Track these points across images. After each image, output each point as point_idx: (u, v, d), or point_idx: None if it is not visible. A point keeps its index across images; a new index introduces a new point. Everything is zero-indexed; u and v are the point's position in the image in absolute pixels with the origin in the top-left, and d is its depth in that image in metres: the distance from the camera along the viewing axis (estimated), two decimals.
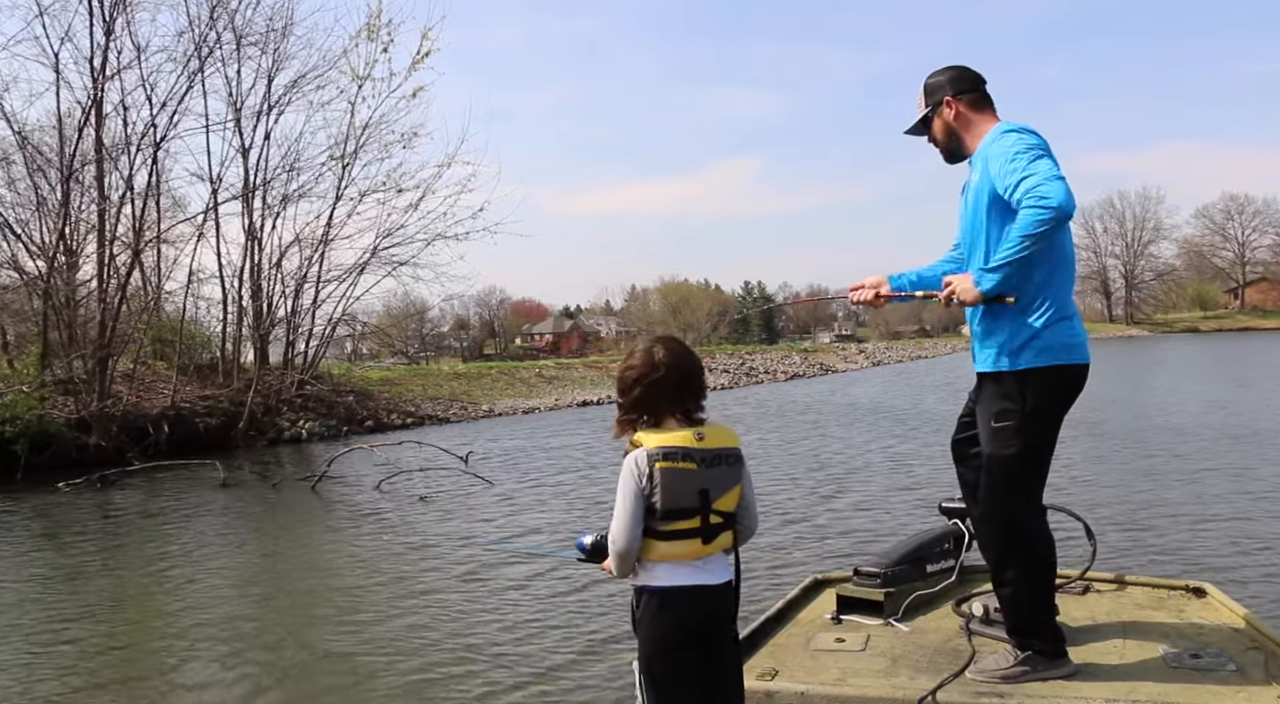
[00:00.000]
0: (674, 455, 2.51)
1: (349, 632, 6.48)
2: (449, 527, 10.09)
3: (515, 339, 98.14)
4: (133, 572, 8.78)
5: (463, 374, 31.11)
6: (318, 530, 10.52)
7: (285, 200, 22.46)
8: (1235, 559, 7.33)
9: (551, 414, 24.86)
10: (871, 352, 55.14)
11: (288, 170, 22.18)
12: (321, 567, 8.67)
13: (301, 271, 22.89)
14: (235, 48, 20.60)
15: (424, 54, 22.16)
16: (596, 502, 11.10)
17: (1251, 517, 8.83)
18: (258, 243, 22.11)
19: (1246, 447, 13.27)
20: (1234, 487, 10.36)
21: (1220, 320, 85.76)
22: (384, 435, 20.42)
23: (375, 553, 9.02)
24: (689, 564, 2.56)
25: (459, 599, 7.13)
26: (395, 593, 7.44)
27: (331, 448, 17.70)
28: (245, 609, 7.35)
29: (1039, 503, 3.24)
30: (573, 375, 33.35)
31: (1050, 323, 3.09)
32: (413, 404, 24.67)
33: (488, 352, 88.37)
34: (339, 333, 25.44)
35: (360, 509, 11.45)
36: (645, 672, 2.57)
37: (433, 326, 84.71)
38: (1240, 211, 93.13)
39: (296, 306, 23.12)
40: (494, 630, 6.33)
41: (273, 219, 22.47)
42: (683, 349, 2.67)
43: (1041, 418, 3.14)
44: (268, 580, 8.33)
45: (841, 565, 6.08)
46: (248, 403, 19.85)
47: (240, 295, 22.14)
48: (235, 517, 11.61)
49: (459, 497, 11.99)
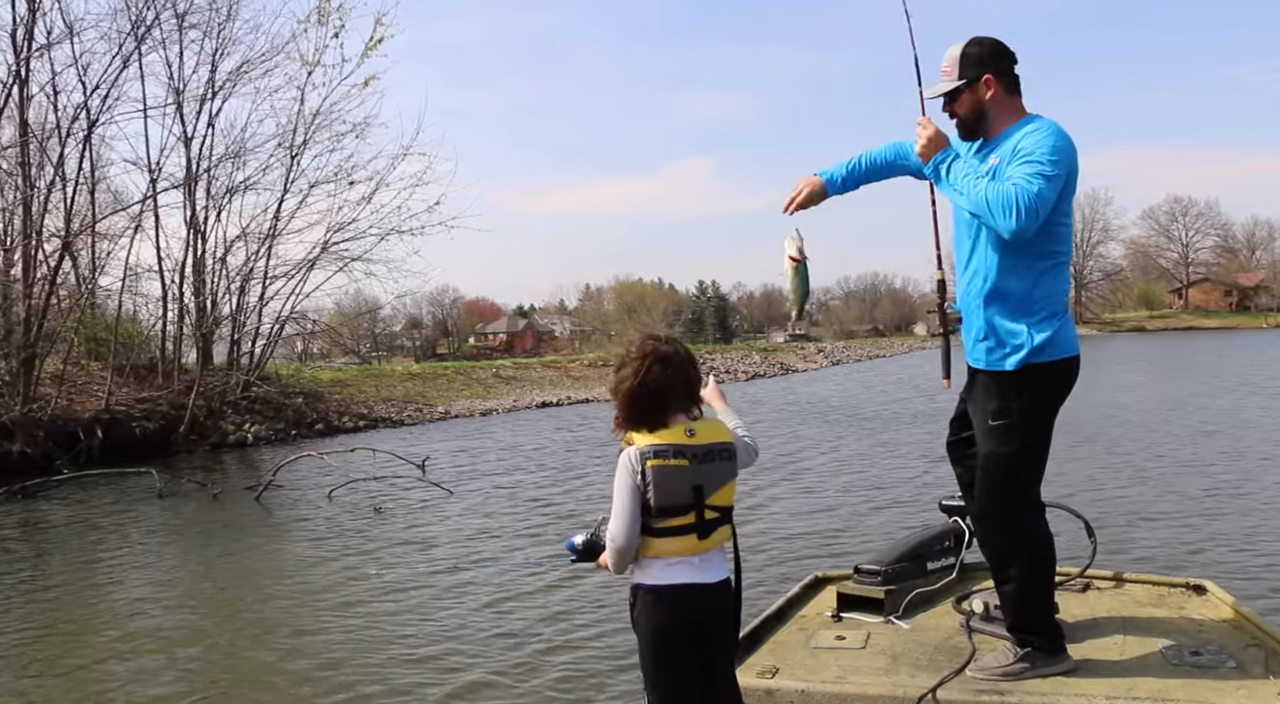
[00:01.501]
0: (665, 453, 2.52)
1: (295, 662, 5.72)
2: (407, 541, 9.27)
3: (469, 338, 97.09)
4: (55, 592, 7.89)
5: (417, 374, 30.12)
6: (261, 547, 9.61)
7: (230, 192, 21.32)
8: (1235, 556, 7.30)
9: (511, 416, 24.04)
10: (830, 351, 55.10)
11: (232, 160, 21.03)
12: (264, 589, 7.78)
13: (247, 267, 21.75)
14: (177, 29, 19.42)
15: (377, 40, 21.14)
16: (569, 511, 10.34)
17: (1251, 515, 8.75)
18: (201, 236, 20.89)
19: (1239, 445, 13.01)
20: (1233, 485, 10.25)
21: (1165, 320, 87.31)
22: (335, 439, 19.58)
23: (325, 573, 8.16)
24: (685, 562, 2.57)
25: (416, 620, 6.37)
26: (348, 620, 6.62)
27: (279, 452, 16.88)
28: (177, 634, 6.54)
29: (1038, 499, 3.22)
30: (531, 375, 32.49)
31: (1045, 318, 3.07)
32: (365, 406, 23.68)
33: (441, 351, 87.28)
34: (288, 332, 24.25)
35: (309, 522, 10.56)
36: (643, 669, 2.59)
37: (385, 325, 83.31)
38: (1184, 213, 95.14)
39: (242, 304, 21.97)
40: (474, 647, 5.58)
41: (217, 211, 21.31)
42: (669, 353, 2.64)
43: (1038, 414, 3.13)
44: (203, 604, 7.43)
45: (842, 563, 6.06)
46: (189, 405, 18.71)
47: (181, 292, 20.84)
48: (171, 531, 10.63)
49: (417, 507, 11.14)
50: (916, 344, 70.14)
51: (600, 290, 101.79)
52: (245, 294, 21.92)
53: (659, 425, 2.58)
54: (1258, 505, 9.15)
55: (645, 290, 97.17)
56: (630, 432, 2.61)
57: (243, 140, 21.10)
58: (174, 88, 20.05)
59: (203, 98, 20.47)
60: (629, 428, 2.62)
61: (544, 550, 8.50)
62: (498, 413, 24.69)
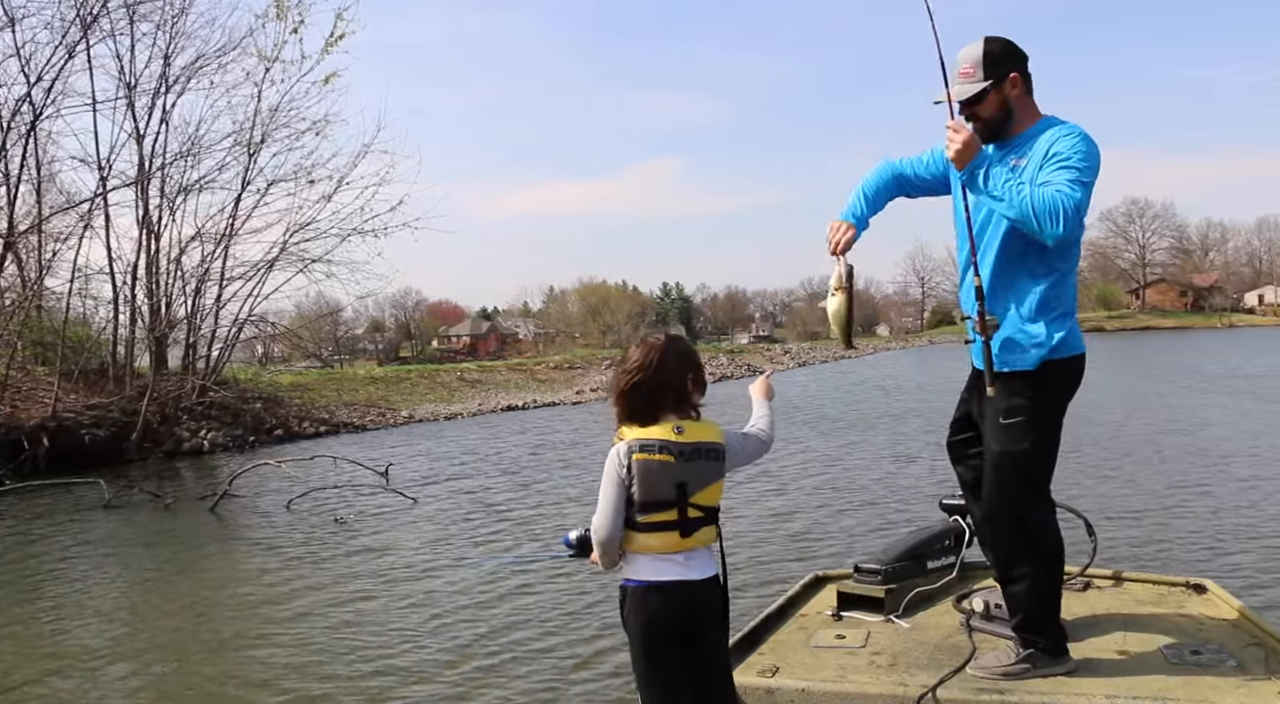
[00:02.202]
0: (650, 448, 2.55)
1: (244, 675, 5.36)
2: (370, 552, 8.83)
3: (432, 341, 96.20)
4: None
5: (380, 378, 29.54)
6: (214, 559, 9.14)
7: (185, 191, 20.66)
8: (1235, 556, 7.24)
9: (476, 420, 23.56)
10: (796, 352, 55.10)
11: (187, 157, 20.37)
12: (215, 603, 7.34)
13: (203, 268, 21.08)
14: (127, 21, 18.76)
15: (338, 37, 20.57)
16: (532, 516, 9.97)
17: (1250, 514, 8.71)
18: (154, 236, 20.19)
19: (1234, 445, 12.96)
20: (1232, 484, 10.20)
21: (1123, 320, 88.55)
22: (295, 445, 19.03)
23: (281, 586, 7.74)
24: (671, 559, 2.57)
25: (372, 636, 5.97)
26: (305, 633, 6.22)
27: (237, 459, 16.43)
28: (120, 650, 6.15)
29: (1048, 497, 3.20)
30: (496, 378, 32.01)
31: (1060, 317, 3.07)
32: (327, 410, 23.10)
33: (404, 354, 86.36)
34: (246, 335, 23.55)
35: (266, 533, 10.08)
36: (634, 666, 2.61)
37: (347, 328, 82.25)
38: (1141, 215, 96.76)
39: (198, 306, 21.28)
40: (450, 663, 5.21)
41: (171, 211, 20.62)
42: (665, 352, 2.66)
43: (1051, 411, 3.12)
44: (148, 620, 6.97)
45: (842, 562, 5.95)
46: (142, 412, 18.02)
47: (134, 293, 20.10)
48: (118, 543, 10.11)
49: (379, 517, 10.70)
50: (881, 345, 70.50)
51: (564, 292, 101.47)
52: (201, 296, 21.28)
53: (649, 422, 2.60)
54: (1257, 504, 9.08)
55: (609, 292, 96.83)
56: (622, 426, 2.64)
57: (198, 137, 20.50)
58: (125, 82, 19.41)
59: (155, 93, 19.82)
60: (621, 422, 2.64)
61: (508, 553, 8.33)
62: (463, 417, 24.21)
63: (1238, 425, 15.31)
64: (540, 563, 7.75)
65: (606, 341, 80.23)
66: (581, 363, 38.51)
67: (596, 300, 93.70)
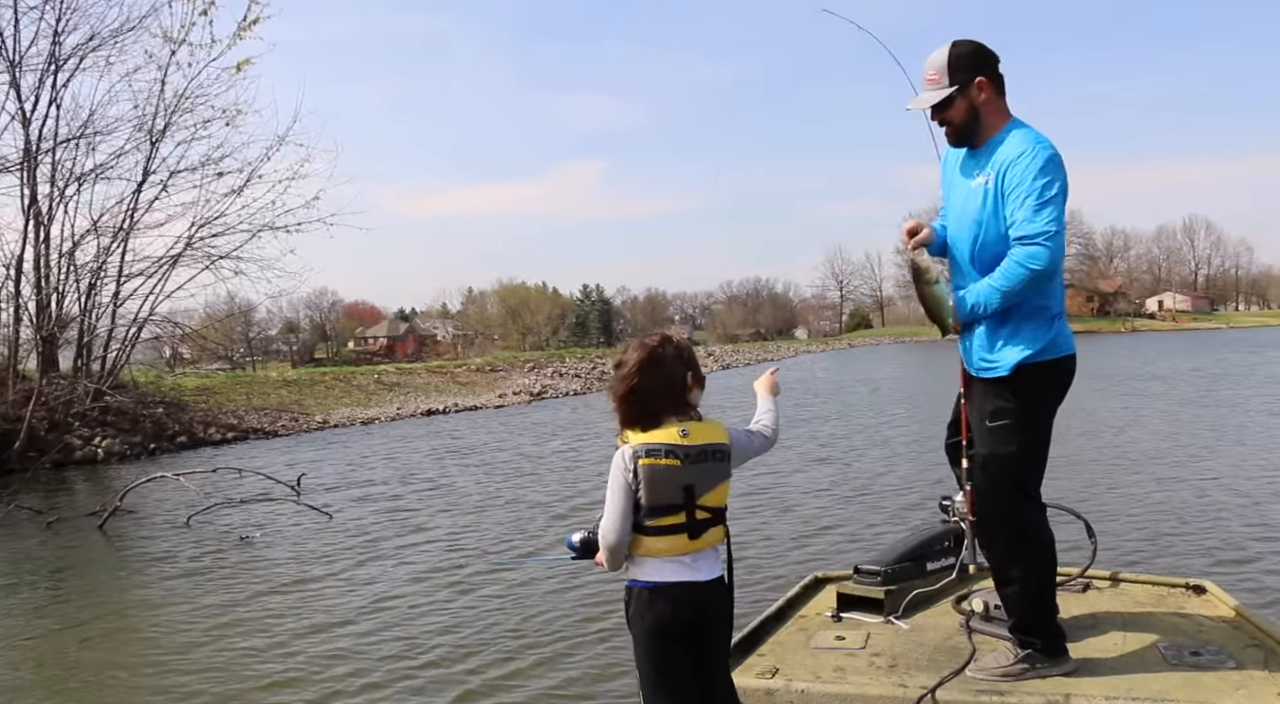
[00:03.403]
0: (656, 452, 2.54)
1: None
2: (280, 573, 7.97)
3: (348, 343, 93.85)
4: None
5: (293, 381, 28.19)
6: (102, 585, 8.16)
7: (79, 179, 19.26)
8: (1235, 557, 7.19)
9: (394, 425, 22.51)
10: (719, 355, 55.11)
11: (78, 142, 18.94)
12: (98, 636, 6.43)
13: (98, 262, 19.65)
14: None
15: (252, 21, 19.43)
16: (459, 535, 9.21)
17: (1250, 515, 8.64)
18: (43, 228, 18.76)
19: (1239, 446, 12.88)
20: (1232, 485, 10.11)
21: None
22: (200, 452, 17.86)
23: (176, 614, 6.88)
24: (677, 560, 2.57)
25: (278, 670, 5.18)
26: (207, 667, 5.39)
27: (135, 469, 15.30)
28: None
29: (1039, 499, 3.21)
30: (415, 381, 30.88)
31: (1045, 321, 3.07)
32: (235, 415, 21.80)
33: (319, 356, 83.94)
34: (146, 335, 21.99)
35: (162, 554, 9.11)
36: (639, 667, 2.61)
37: (260, 329, 79.56)
38: None
39: (92, 304, 19.81)
40: None
41: (62, 200, 19.18)
42: (660, 354, 2.63)
43: (1038, 413, 3.13)
44: (19, 655, 6.03)
45: (842, 563, 5.94)
46: (26, 417, 16.63)
47: (19, 289, 18.62)
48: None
49: (291, 533, 9.81)
50: (802, 348, 71.09)
51: (483, 294, 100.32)
52: (96, 293, 19.82)
53: (652, 425, 2.59)
54: (1257, 505, 9.02)
55: (529, 294, 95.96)
56: (625, 430, 2.61)
57: (92, 122, 19.09)
58: (7, 59, 17.96)
59: (43, 72, 18.40)
60: (623, 427, 2.62)
61: (512, 553, 7.47)
62: (380, 421, 23.14)
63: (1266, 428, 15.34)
64: (543, 563, 7.74)
65: (527, 343, 79.41)
66: (504, 365, 37.58)
67: (516, 302, 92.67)
